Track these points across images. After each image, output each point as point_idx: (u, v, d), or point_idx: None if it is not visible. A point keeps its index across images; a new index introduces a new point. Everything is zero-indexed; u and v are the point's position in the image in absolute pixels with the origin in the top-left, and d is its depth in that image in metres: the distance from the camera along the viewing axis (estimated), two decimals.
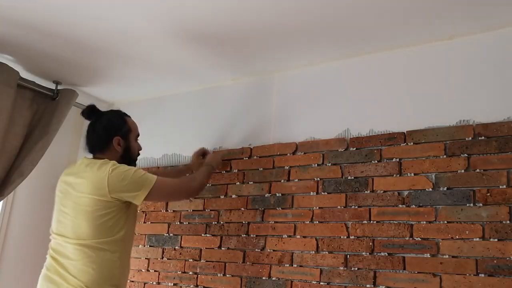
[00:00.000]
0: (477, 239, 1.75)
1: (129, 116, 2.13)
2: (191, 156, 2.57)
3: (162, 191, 1.98)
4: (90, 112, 2.06)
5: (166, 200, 2.56)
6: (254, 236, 2.27)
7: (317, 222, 2.11)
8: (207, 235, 2.43)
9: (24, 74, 2.67)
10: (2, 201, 2.76)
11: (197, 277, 2.39)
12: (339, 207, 2.08)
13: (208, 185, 2.50)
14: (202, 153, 2.54)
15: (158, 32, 2.15)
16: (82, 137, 3.19)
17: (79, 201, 1.86)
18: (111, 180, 1.84)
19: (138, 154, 2.14)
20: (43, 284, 1.87)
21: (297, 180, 2.23)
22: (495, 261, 1.70)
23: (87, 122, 1.99)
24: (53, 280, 1.84)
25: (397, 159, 2.00)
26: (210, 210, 2.46)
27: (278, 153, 2.33)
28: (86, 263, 1.82)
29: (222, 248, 2.35)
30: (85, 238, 1.83)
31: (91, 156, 2.04)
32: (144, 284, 2.56)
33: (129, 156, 2.07)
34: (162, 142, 2.80)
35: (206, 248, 2.41)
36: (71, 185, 1.92)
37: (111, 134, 2.01)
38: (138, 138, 2.15)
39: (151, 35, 2.19)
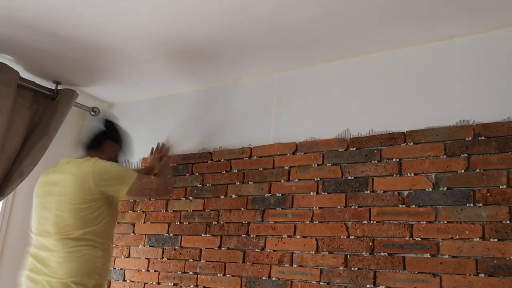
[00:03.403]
0: (477, 239, 1.75)
1: None
2: (150, 160, 2.59)
3: (142, 187, 2.05)
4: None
5: (145, 197, 2.57)
6: (254, 236, 2.27)
7: (317, 222, 2.11)
8: (207, 235, 2.43)
9: (24, 74, 2.67)
10: (2, 201, 2.76)
11: (197, 277, 2.39)
12: (339, 207, 2.08)
13: (208, 185, 2.51)
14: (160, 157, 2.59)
15: (158, 32, 2.15)
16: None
17: (64, 194, 1.92)
18: (96, 173, 1.93)
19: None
20: (26, 283, 1.90)
21: (297, 180, 2.23)
22: (495, 261, 1.70)
23: (87, 122, 2.07)
24: (34, 279, 1.88)
25: (397, 159, 2.00)
26: (210, 210, 2.46)
27: (278, 153, 2.33)
28: (68, 254, 1.86)
29: (222, 248, 2.35)
30: (68, 230, 1.88)
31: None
32: (144, 284, 2.56)
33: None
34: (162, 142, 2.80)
35: (206, 248, 2.41)
36: (54, 182, 1.99)
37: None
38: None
39: (151, 35, 2.19)
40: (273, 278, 2.15)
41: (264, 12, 1.93)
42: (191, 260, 2.44)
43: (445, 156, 1.90)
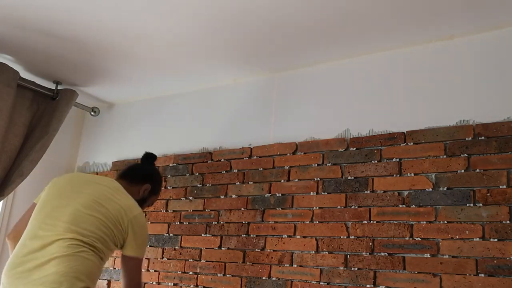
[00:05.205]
0: (477, 239, 1.75)
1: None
2: None
3: (137, 268, 1.86)
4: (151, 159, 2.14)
5: (124, 275, 1.90)
6: (254, 236, 2.27)
7: (317, 222, 2.11)
8: (207, 235, 2.43)
9: (24, 74, 2.67)
10: (2, 201, 2.76)
11: (197, 277, 2.39)
12: (339, 207, 2.08)
13: (208, 185, 2.51)
14: None
15: (158, 32, 2.15)
16: (82, 136, 3.22)
17: (105, 207, 1.75)
18: (135, 226, 1.78)
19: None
20: (12, 283, 1.67)
21: (297, 180, 2.23)
22: (495, 261, 1.70)
23: (87, 122, 2.00)
24: (22, 276, 1.66)
25: (397, 159, 2.00)
26: (210, 210, 2.46)
27: (278, 153, 2.33)
28: (66, 256, 1.65)
29: (222, 248, 2.35)
30: (81, 230, 1.69)
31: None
32: (144, 284, 2.55)
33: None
34: (162, 142, 2.80)
35: (206, 248, 2.41)
36: (94, 189, 1.80)
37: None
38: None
39: (151, 35, 2.19)
40: (273, 278, 2.15)
41: (264, 13, 1.93)
42: (191, 260, 2.44)
43: (445, 156, 1.90)
